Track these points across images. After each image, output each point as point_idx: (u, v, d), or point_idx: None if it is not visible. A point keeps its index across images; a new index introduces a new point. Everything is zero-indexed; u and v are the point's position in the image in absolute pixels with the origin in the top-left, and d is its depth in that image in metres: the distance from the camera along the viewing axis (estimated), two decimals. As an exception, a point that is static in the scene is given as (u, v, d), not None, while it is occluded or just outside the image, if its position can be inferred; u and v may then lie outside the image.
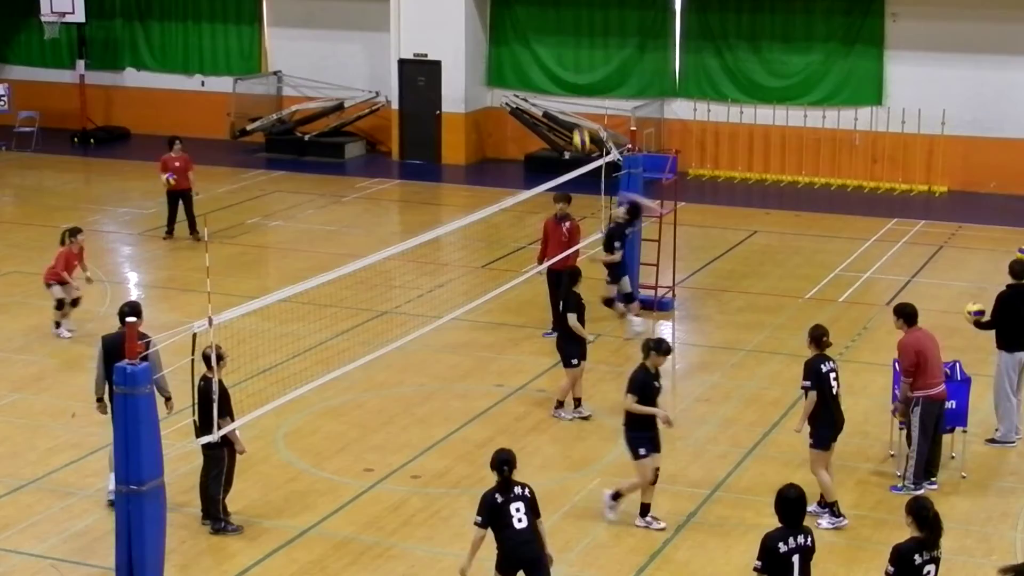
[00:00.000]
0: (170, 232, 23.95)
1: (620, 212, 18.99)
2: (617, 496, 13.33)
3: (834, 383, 13.23)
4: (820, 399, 13.09)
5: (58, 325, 18.90)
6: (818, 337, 13.32)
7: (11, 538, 13.01)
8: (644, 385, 13.03)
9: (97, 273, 19.25)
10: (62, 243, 19.01)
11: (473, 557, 10.88)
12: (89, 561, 12.53)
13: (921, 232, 25.19)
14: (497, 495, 10.77)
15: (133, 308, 13.27)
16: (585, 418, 16.08)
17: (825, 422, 13.22)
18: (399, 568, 12.55)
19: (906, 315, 13.99)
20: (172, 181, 23.43)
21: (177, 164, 23.52)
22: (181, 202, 23.78)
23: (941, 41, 28.36)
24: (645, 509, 13.32)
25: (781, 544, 9.70)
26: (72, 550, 12.79)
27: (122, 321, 13.37)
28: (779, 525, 9.84)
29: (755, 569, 9.78)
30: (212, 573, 12.45)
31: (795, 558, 9.70)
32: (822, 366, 13.17)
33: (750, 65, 29.86)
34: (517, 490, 10.80)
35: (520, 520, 10.70)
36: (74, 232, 19.13)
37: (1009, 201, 27.74)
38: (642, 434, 13.06)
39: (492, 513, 10.75)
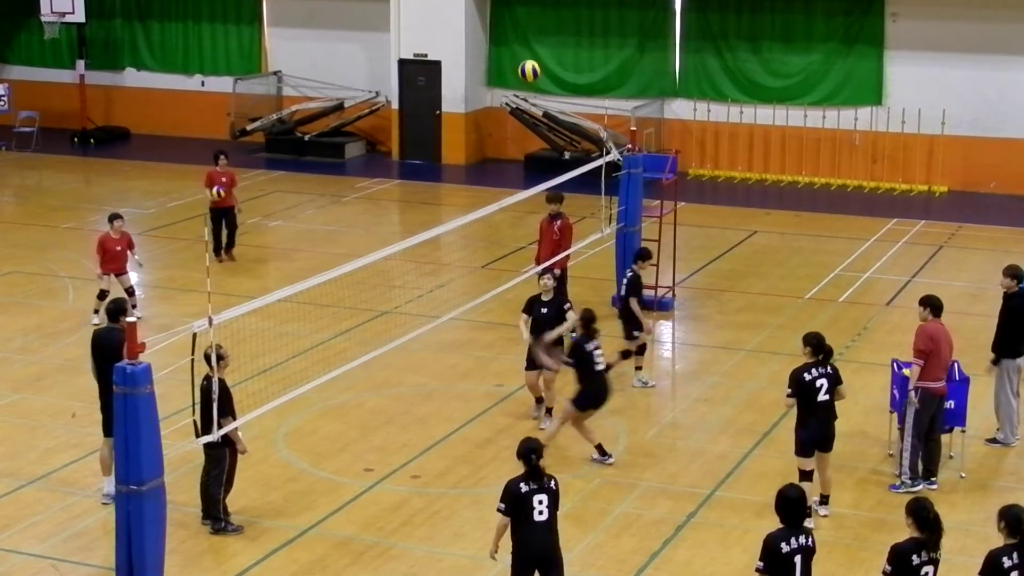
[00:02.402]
0: (218, 252, 22.49)
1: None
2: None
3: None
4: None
5: (97, 312, 19.04)
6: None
7: (11, 538, 13.01)
8: None
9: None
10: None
11: (498, 542, 10.77)
12: (89, 561, 12.54)
13: (921, 232, 25.20)
14: (522, 484, 10.57)
15: (118, 306, 13.48)
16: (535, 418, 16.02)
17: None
18: (399, 568, 12.55)
19: (932, 305, 14.06)
20: (222, 194, 22.12)
21: (224, 179, 22.32)
22: (224, 220, 22.53)
23: (941, 41, 28.37)
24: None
25: (783, 544, 9.69)
26: (72, 550, 12.79)
27: (111, 319, 13.47)
28: (780, 525, 9.84)
29: (757, 570, 9.77)
30: (212, 573, 12.45)
31: (797, 558, 9.70)
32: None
33: (750, 65, 29.86)
34: (543, 481, 10.63)
35: (541, 513, 10.55)
36: (112, 217, 19.26)
37: (1009, 201, 27.75)
38: None
39: (515, 502, 10.54)
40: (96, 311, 19.10)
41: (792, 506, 9.81)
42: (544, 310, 15.75)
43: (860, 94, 29.12)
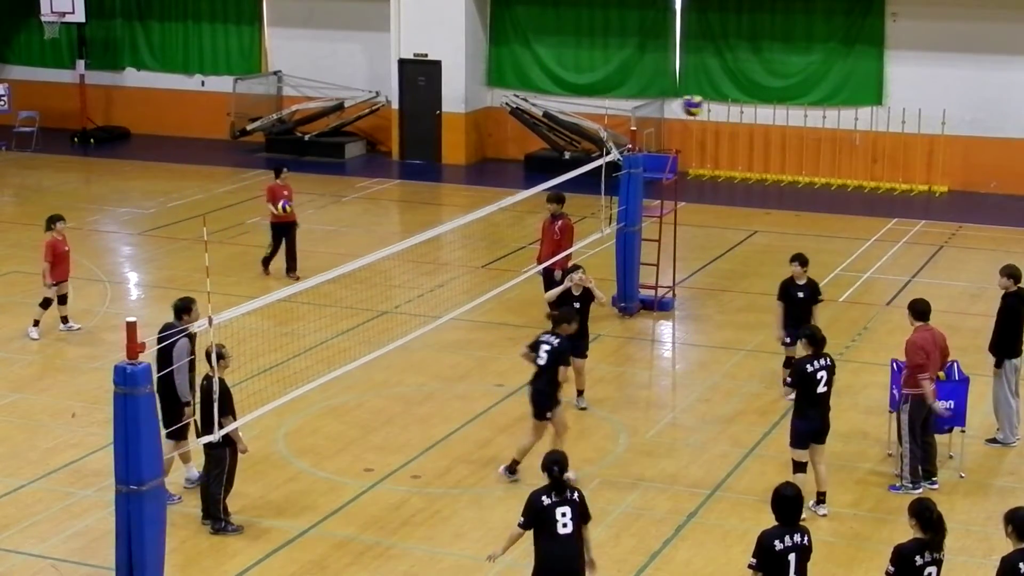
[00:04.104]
0: (267, 266, 21.73)
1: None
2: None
3: None
4: None
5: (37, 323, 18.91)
6: None
7: (11, 538, 13.01)
8: None
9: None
10: (47, 231, 18.92)
11: (506, 550, 10.69)
12: (89, 561, 12.54)
13: (921, 232, 25.20)
14: (544, 496, 10.35)
15: (184, 304, 13.62)
16: (582, 408, 16.14)
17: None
18: (399, 568, 12.55)
19: (918, 312, 14.05)
20: (287, 209, 21.23)
21: (286, 193, 21.38)
22: (284, 236, 21.53)
23: (941, 41, 28.37)
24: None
25: (777, 542, 9.69)
26: (72, 550, 12.79)
27: (176, 316, 13.59)
28: (776, 524, 9.84)
29: (750, 567, 9.78)
30: (212, 573, 12.45)
31: (791, 556, 9.69)
32: None
33: (750, 65, 29.87)
34: (567, 493, 10.43)
35: (565, 526, 10.30)
36: (56, 219, 18.93)
37: (1009, 201, 27.75)
38: None
39: (537, 516, 10.33)
40: (36, 323, 18.84)
41: (788, 504, 9.81)
42: (577, 304, 15.92)
43: (860, 94, 29.12)
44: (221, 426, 12.22)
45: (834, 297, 21.01)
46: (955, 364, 14.70)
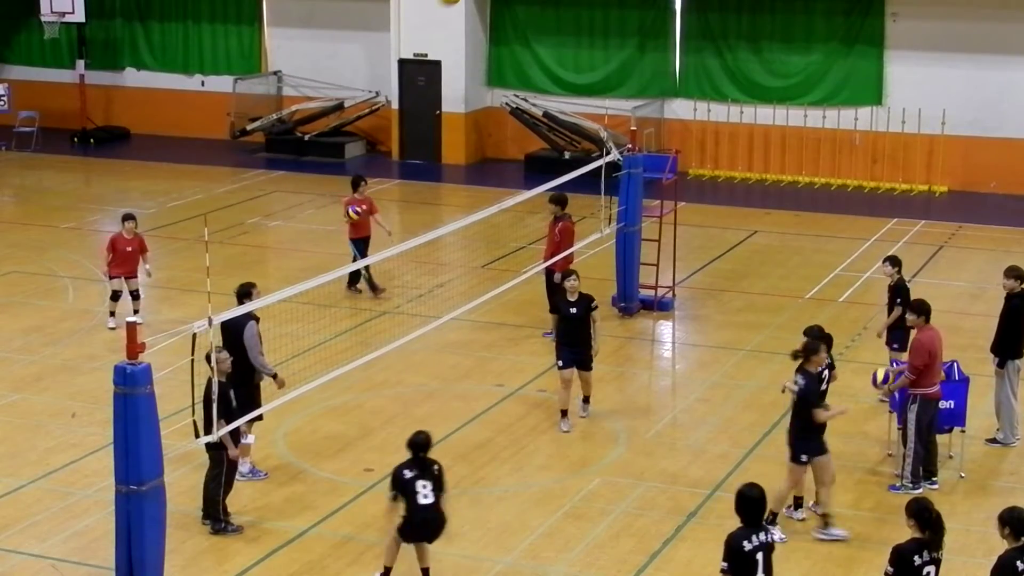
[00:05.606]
0: (356, 281, 20.60)
1: None
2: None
3: None
4: None
5: (113, 315, 18.99)
6: None
7: (11, 538, 13.01)
8: None
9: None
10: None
11: (391, 522, 11.84)
12: (89, 561, 12.54)
13: (921, 232, 25.19)
14: (407, 471, 11.64)
15: (245, 290, 14.02)
16: (582, 416, 16.09)
17: None
18: (399, 568, 12.52)
19: (927, 313, 14.06)
20: (359, 212, 20.20)
21: (364, 206, 20.40)
22: (361, 249, 20.34)
23: (941, 41, 28.36)
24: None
25: (745, 543, 9.76)
26: (72, 550, 12.79)
27: (238, 302, 13.73)
28: (740, 525, 9.89)
29: (722, 570, 9.80)
30: (212, 573, 12.45)
31: (759, 555, 9.77)
32: None
33: (750, 65, 29.87)
34: (428, 467, 11.69)
35: (426, 496, 11.61)
36: (125, 217, 19.07)
37: (1009, 201, 27.75)
38: None
39: (401, 487, 11.63)
40: (112, 313, 18.99)
41: (752, 505, 9.89)
42: (573, 310, 15.71)
43: (860, 94, 29.11)
44: (219, 427, 12.22)
45: (834, 297, 21.04)
46: (955, 364, 14.70)
